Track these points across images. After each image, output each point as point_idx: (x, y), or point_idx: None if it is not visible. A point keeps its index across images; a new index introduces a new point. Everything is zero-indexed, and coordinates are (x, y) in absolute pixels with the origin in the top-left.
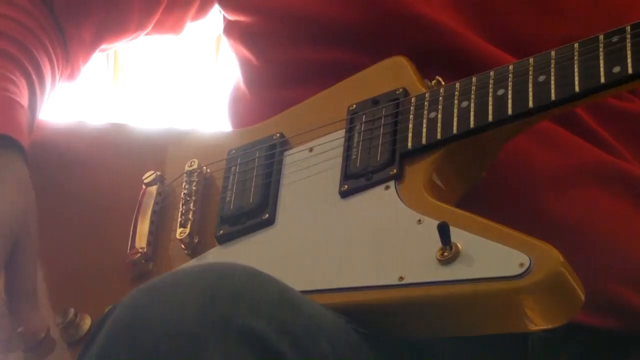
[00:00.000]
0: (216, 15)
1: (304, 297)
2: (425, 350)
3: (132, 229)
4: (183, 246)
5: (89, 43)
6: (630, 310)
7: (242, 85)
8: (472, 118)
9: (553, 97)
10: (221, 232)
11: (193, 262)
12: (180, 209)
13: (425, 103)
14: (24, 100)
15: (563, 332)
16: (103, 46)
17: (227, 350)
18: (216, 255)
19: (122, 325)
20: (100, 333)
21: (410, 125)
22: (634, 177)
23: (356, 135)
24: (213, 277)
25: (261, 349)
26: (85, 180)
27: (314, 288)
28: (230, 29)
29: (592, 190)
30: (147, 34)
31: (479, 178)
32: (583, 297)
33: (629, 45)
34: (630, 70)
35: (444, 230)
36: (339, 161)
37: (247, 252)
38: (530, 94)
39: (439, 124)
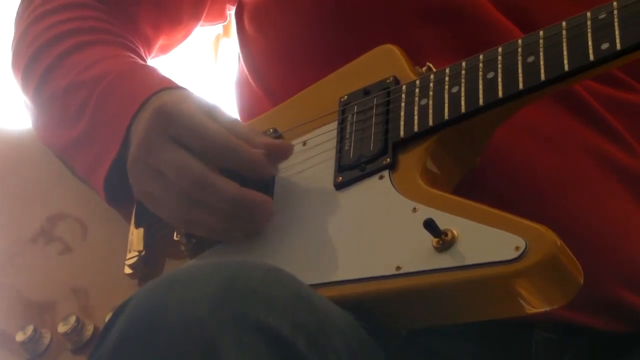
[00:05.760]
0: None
1: (318, 294)
2: (431, 352)
3: (129, 233)
4: (182, 247)
5: (151, 38)
6: (633, 312)
7: (247, 77)
8: (463, 103)
9: (543, 77)
10: None
11: (193, 262)
12: None
13: (416, 90)
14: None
15: (566, 335)
16: (162, 41)
17: (241, 344)
18: (215, 254)
19: (137, 317)
20: (114, 326)
21: (402, 113)
22: (635, 175)
23: (348, 126)
24: (228, 273)
25: (276, 344)
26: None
27: (310, 282)
28: (242, 7)
29: (592, 191)
30: (202, 24)
31: (473, 163)
32: (581, 279)
33: (616, 20)
34: (618, 46)
35: (430, 226)
36: (332, 153)
37: (243, 248)
38: (520, 75)
39: (430, 111)
